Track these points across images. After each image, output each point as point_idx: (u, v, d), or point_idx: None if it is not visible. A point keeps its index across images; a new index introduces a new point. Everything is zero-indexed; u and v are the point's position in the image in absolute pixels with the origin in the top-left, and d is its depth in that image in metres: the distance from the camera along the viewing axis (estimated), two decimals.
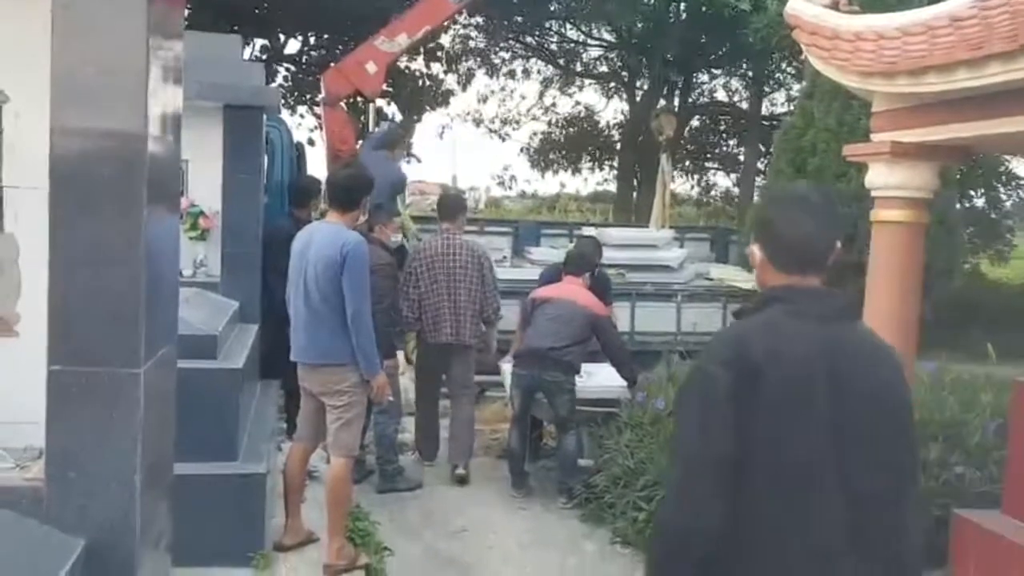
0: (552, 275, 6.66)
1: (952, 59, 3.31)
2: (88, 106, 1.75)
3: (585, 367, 6.15)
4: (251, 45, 16.29)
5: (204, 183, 5.63)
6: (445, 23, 12.05)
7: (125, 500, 1.77)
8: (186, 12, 5.90)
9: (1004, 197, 15.05)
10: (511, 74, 19.96)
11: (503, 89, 20.56)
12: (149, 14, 1.75)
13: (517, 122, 20.85)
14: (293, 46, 17.46)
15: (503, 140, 21.13)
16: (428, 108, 18.76)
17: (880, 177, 3.97)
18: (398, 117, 18.32)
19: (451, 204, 6.54)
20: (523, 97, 20.90)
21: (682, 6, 15.42)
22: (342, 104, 10.20)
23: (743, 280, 9.59)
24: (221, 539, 4.08)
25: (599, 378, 6.01)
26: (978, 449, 5.09)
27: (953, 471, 4.94)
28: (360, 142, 10.23)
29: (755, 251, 2.03)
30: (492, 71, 19.63)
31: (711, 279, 10.07)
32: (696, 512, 1.83)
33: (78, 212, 1.75)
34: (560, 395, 5.68)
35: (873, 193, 4.02)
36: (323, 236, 4.24)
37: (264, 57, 16.78)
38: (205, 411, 4.10)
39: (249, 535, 4.24)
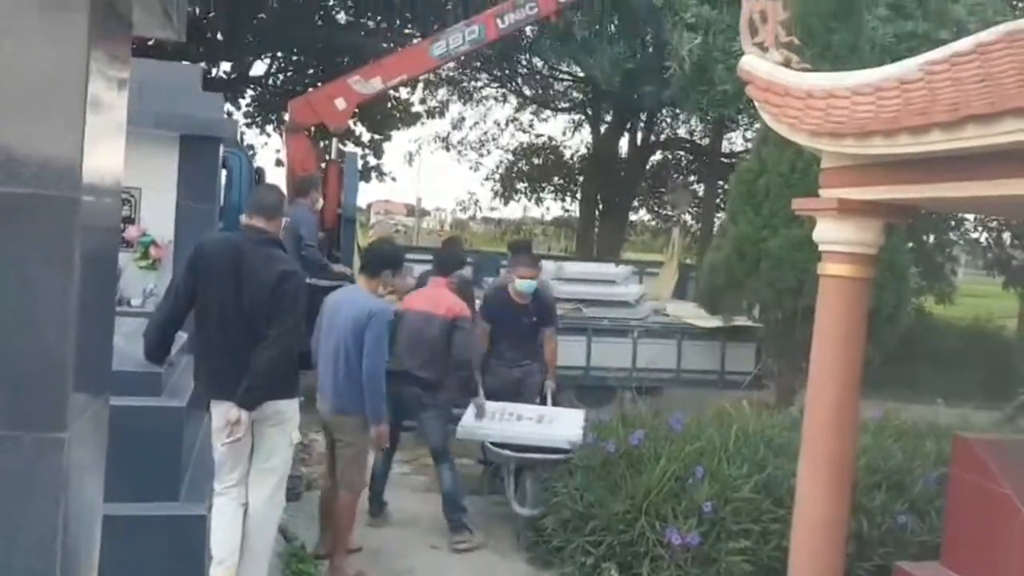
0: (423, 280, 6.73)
1: (896, 125, 3.36)
2: (16, 152, 1.69)
3: (543, 410, 6.09)
4: (217, 66, 16.20)
5: (157, 212, 5.59)
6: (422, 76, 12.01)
7: (45, 569, 1.72)
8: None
9: (953, 238, 15.31)
10: (482, 100, 20.04)
11: (472, 119, 20.62)
12: (89, 58, 1.70)
13: (487, 148, 20.89)
14: (260, 67, 17.40)
15: (475, 170, 21.18)
16: (398, 127, 18.81)
17: (827, 232, 4.02)
18: (365, 137, 18.33)
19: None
20: (496, 123, 20.84)
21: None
22: (306, 131, 10.19)
23: (700, 317, 9.61)
24: None
25: (553, 427, 5.90)
26: (921, 498, 5.17)
27: (896, 520, 5.01)
28: (324, 164, 10.20)
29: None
30: (464, 98, 19.69)
31: (668, 315, 10.11)
32: (162, 312, 4.21)
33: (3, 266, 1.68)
34: (423, 411, 5.58)
35: (820, 247, 4.07)
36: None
37: (233, 76, 16.70)
38: (146, 450, 4.04)
39: None
